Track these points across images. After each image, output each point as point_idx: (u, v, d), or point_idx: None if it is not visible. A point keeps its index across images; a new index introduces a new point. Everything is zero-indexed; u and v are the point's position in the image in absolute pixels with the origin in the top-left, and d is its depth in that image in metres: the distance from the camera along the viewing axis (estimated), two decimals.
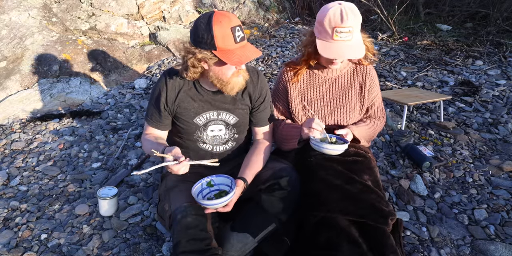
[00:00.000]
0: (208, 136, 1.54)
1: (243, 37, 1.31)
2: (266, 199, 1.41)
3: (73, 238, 1.65)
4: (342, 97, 1.65)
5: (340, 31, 1.39)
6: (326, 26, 1.41)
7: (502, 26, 4.37)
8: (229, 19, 1.27)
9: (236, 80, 1.39)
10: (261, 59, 3.88)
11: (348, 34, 1.40)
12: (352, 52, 1.42)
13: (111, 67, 3.56)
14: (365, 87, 1.64)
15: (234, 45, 1.29)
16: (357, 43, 1.44)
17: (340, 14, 1.38)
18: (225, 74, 1.36)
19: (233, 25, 1.27)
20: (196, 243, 1.27)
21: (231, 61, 1.28)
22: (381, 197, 1.36)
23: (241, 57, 1.29)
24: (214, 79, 1.39)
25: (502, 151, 2.36)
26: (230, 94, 1.43)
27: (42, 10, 3.62)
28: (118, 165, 2.26)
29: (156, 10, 4.17)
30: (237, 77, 1.39)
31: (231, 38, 1.27)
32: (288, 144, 1.61)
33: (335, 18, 1.38)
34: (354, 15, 1.39)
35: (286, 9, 5.39)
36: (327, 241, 1.30)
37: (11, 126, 2.78)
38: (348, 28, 1.39)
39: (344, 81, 1.65)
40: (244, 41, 1.33)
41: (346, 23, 1.38)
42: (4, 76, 3.07)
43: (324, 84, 1.65)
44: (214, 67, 1.35)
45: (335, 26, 1.39)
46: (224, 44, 1.27)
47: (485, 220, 1.76)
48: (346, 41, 1.41)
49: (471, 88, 3.18)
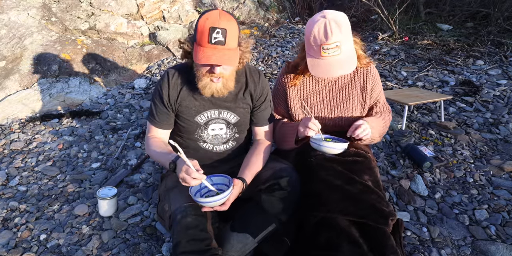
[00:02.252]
0: (209, 135, 1.54)
1: (221, 41, 1.28)
2: (266, 199, 1.41)
3: (73, 239, 1.65)
4: (343, 98, 1.64)
5: (327, 48, 1.38)
6: (313, 44, 1.41)
7: (503, 26, 4.36)
8: (217, 20, 1.27)
9: (210, 83, 1.38)
10: (261, 59, 3.87)
11: (336, 49, 1.39)
12: (341, 68, 1.41)
13: (110, 67, 3.55)
14: (367, 87, 1.63)
15: (207, 44, 1.29)
16: (347, 56, 1.43)
17: (324, 30, 1.36)
18: (199, 71, 1.38)
19: (215, 26, 1.26)
20: (196, 243, 1.26)
21: (195, 56, 1.30)
22: (381, 198, 1.35)
23: (204, 57, 1.28)
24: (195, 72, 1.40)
25: (503, 151, 2.36)
26: (203, 93, 1.41)
27: (42, 10, 3.61)
28: (117, 165, 2.25)
29: (155, 10, 4.16)
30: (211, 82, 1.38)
31: (206, 37, 1.28)
32: (286, 143, 1.61)
33: (320, 35, 1.37)
34: (340, 28, 1.37)
35: (286, 8, 5.39)
36: (327, 241, 1.29)
37: (10, 126, 2.78)
38: (334, 44, 1.37)
39: (344, 82, 1.64)
40: (221, 46, 1.29)
41: (331, 39, 1.36)
42: (3, 76, 3.06)
43: (323, 86, 1.64)
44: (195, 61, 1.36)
45: (321, 43, 1.38)
46: (200, 40, 1.29)
47: (486, 220, 1.76)
48: (335, 56, 1.40)
49: (471, 88, 3.17)
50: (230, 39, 1.29)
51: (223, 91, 1.41)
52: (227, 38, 1.28)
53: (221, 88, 1.40)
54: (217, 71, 1.34)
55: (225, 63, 1.30)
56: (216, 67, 1.32)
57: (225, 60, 1.29)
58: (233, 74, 1.44)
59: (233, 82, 1.44)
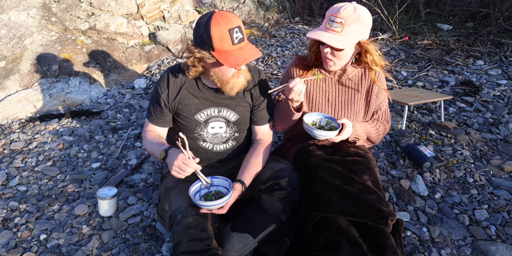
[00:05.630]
0: (209, 134, 1.54)
1: (241, 38, 1.30)
2: (266, 199, 1.41)
3: (73, 239, 1.65)
4: (348, 100, 1.64)
5: (333, 20, 1.44)
6: (327, 15, 1.47)
7: (503, 26, 4.36)
8: (228, 20, 1.26)
9: (236, 81, 1.39)
10: (261, 59, 3.87)
11: (339, 25, 1.43)
12: (332, 41, 1.43)
13: (110, 67, 3.55)
14: (372, 92, 1.63)
15: (232, 47, 1.28)
16: (344, 36, 1.45)
17: (342, 6, 1.43)
18: (225, 75, 1.37)
19: (231, 27, 1.26)
20: (197, 243, 1.26)
21: (228, 63, 1.28)
22: (381, 198, 1.35)
23: (238, 58, 1.28)
24: (214, 78, 1.40)
25: (503, 151, 2.36)
26: (230, 93, 1.43)
27: (41, 10, 3.61)
28: (117, 165, 2.25)
29: (155, 10, 4.16)
30: (237, 78, 1.39)
31: (229, 40, 1.26)
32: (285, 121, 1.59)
33: (336, 7, 1.45)
34: (355, 12, 1.42)
35: (286, 8, 5.38)
36: (327, 241, 1.29)
37: (10, 126, 2.78)
38: (340, 19, 1.42)
39: (351, 84, 1.64)
40: (244, 42, 1.32)
41: (340, 14, 1.42)
42: (3, 76, 3.06)
43: (330, 85, 1.64)
44: (214, 67, 1.36)
45: (331, 14, 1.45)
46: (222, 46, 1.27)
47: (486, 220, 1.76)
48: (335, 32, 1.44)
49: (471, 88, 3.17)
50: (244, 32, 1.32)
51: (245, 83, 1.45)
52: (244, 33, 1.31)
53: (243, 82, 1.43)
54: (244, 68, 1.38)
55: (257, 55, 1.32)
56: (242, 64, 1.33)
57: (255, 54, 1.32)
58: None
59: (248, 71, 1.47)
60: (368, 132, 1.62)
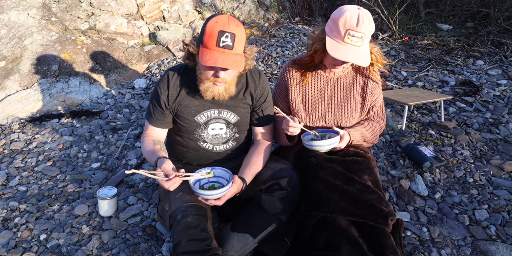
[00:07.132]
0: (209, 135, 1.54)
1: (229, 45, 1.28)
2: (266, 199, 1.41)
3: (73, 239, 1.65)
4: (344, 97, 1.64)
5: (353, 35, 1.38)
6: (340, 26, 1.39)
7: (503, 26, 4.36)
8: (226, 24, 1.26)
9: (211, 86, 1.38)
10: (261, 59, 3.87)
11: (359, 39, 1.39)
12: (357, 58, 1.40)
13: (110, 67, 3.55)
14: (367, 88, 1.63)
15: (215, 47, 1.28)
16: (365, 51, 1.43)
17: (358, 18, 1.37)
18: (203, 74, 1.37)
19: (224, 30, 1.26)
20: (197, 243, 1.26)
21: (201, 58, 1.29)
22: (381, 198, 1.35)
23: (212, 59, 1.27)
24: (198, 74, 1.40)
25: (503, 151, 2.36)
26: (204, 95, 1.41)
27: (41, 10, 3.61)
28: (117, 165, 2.25)
29: (155, 10, 4.16)
30: (213, 84, 1.37)
31: (215, 40, 1.27)
32: (282, 140, 1.61)
33: (352, 20, 1.37)
34: (370, 22, 1.39)
35: (286, 8, 5.38)
36: (327, 241, 1.29)
37: (10, 126, 2.78)
38: (361, 34, 1.38)
39: (347, 81, 1.64)
40: (230, 51, 1.29)
41: (361, 28, 1.37)
42: (3, 76, 3.06)
43: (326, 83, 1.64)
44: (199, 63, 1.36)
45: (350, 28, 1.37)
46: (207, 42, 1.28)
47: (486, 220, 1.76)
48: (356, 46, 1.40)
49: (471, 88, 3.17)
50: (237, 44, 1.29)
51: (224, 95, 1.41)
52: (235, 43, 1.28)
53: (222, 92, 1.40)
54: (222, 76, 1.33)
55: (231, 67, 1.28)
56: (220, 71, 1.32)
57: (231, 64, 1.28)
58: (235, 79, 1.44)
59: (235, 87, 1.45)
60: (364, 136, 1.63)
